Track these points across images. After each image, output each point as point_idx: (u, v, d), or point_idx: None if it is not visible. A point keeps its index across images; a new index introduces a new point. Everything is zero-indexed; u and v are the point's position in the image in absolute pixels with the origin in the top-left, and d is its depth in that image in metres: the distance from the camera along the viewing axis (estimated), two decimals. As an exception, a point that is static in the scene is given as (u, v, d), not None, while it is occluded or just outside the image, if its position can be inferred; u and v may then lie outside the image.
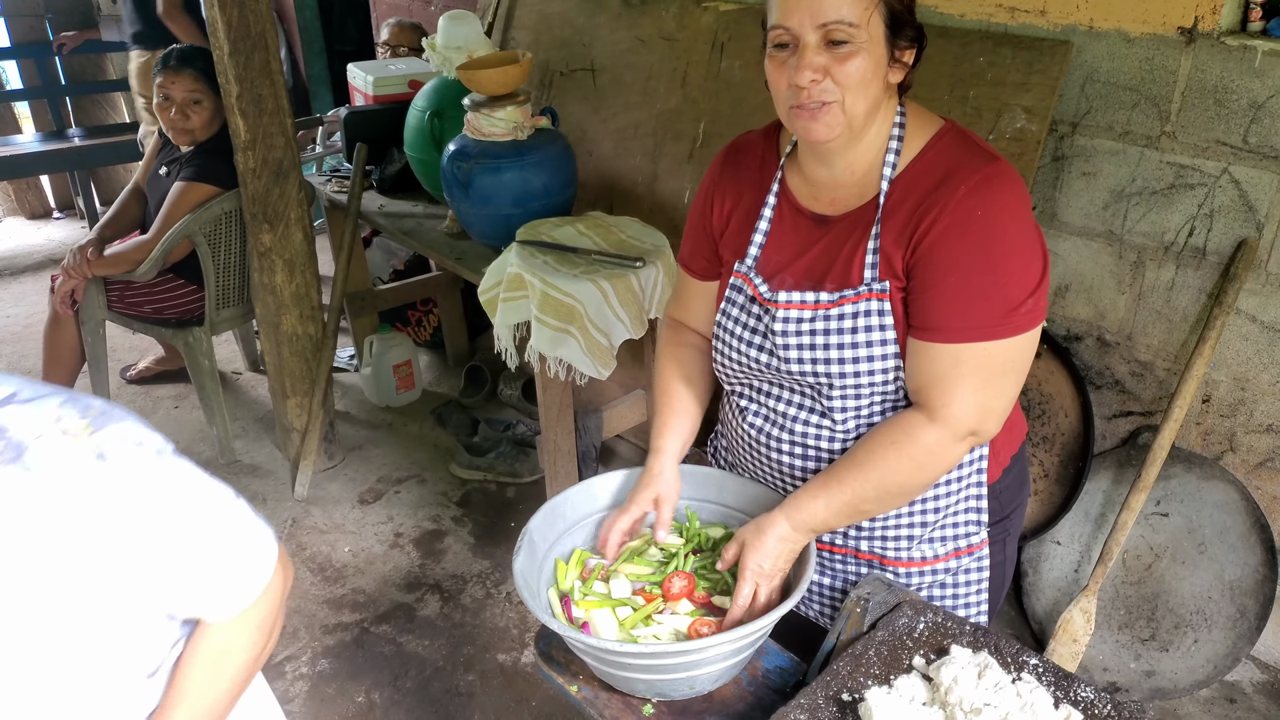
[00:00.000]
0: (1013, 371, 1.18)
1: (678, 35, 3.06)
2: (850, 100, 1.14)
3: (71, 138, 5.14)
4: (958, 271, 1.13)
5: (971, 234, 1.13)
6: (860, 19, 1.11)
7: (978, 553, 1.37)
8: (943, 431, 1.18)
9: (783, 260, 1.28)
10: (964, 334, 1.14)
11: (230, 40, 2.57)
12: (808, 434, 1.30)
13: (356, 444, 3.31)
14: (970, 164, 1.16)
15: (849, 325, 1.21)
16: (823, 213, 1.26)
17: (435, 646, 2.43)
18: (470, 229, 2.72)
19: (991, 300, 1.13)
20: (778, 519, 1.23)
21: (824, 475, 1.24)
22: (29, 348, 3.97)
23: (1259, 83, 1.96)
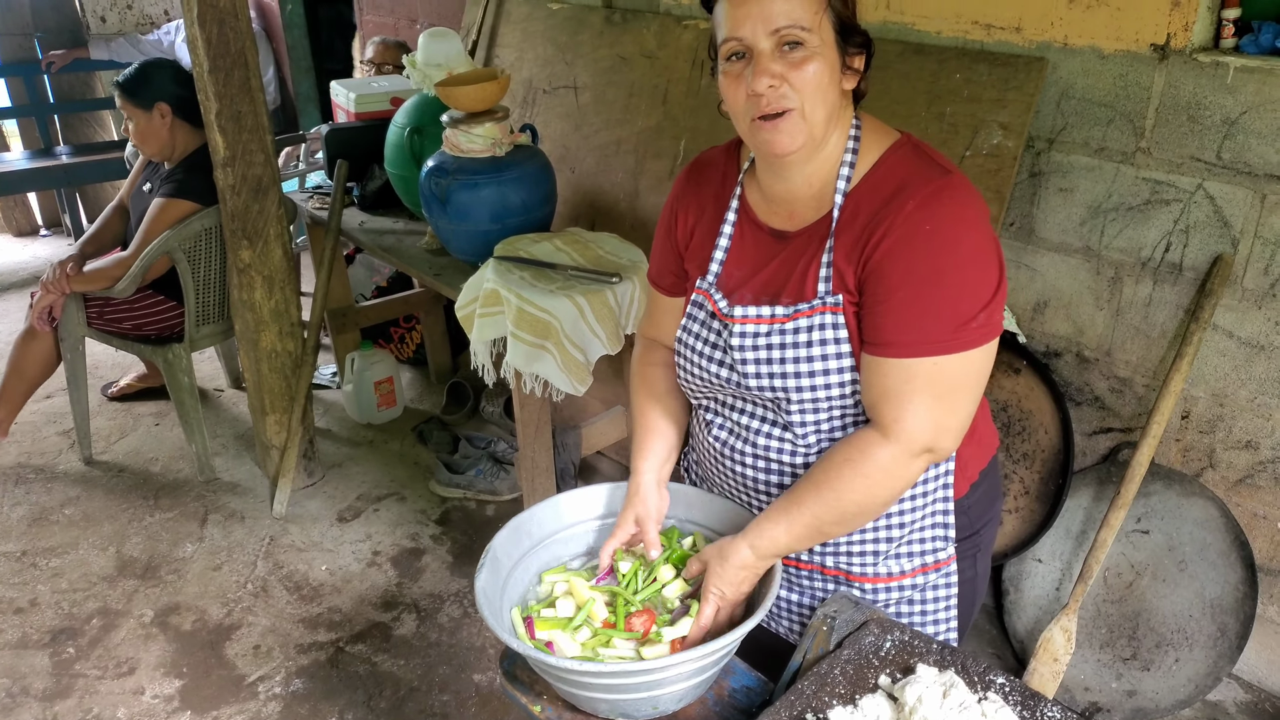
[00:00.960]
0: (966, 387, 1.17)
1: (658, 53, 3.07)
2: (809, 106, 1.14)
3: (59, 155, 5.13)
4: (907, 286, 1.12)
5: (920, 248, 1.12)
6: (812, 22, 1.11)
7: (945, 569, 1.36)
8: (896, 448, 1.16)
9: (743, 275, 1.28)
10: (914, 349, 1.13)
11: (210, 57, 2.57)
12: (770, 447, 1.29)
13: (337, 461, 3.28)
14: (921, 177, 1.15)
15: (804, 339, 1.20)
16: (781, 228, 1.26)
17: (411, 666, 2.40)
18: (449, 245, 2.71)
19: (941, 315, 1.12)
20: (740, 545, 1.22)
21: (784, 499, 1.22)
22: (9, 365, 3.94)
23: (1231, 99, 1.96)
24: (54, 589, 2.68)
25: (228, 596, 2.64)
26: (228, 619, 2.56)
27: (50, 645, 2.48)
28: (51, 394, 3.58)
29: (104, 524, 2.96)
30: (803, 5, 1.11)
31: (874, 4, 2.49)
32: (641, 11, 3.17)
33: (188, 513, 3.01)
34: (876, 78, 2.60)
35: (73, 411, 3.20)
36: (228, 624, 2.54)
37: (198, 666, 2.40)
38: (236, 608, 2.60)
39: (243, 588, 2.68)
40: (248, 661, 2.42)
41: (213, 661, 2.42)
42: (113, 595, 2.65)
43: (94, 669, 2.40)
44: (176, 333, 3.16)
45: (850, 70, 1.17)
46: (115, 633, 2.52)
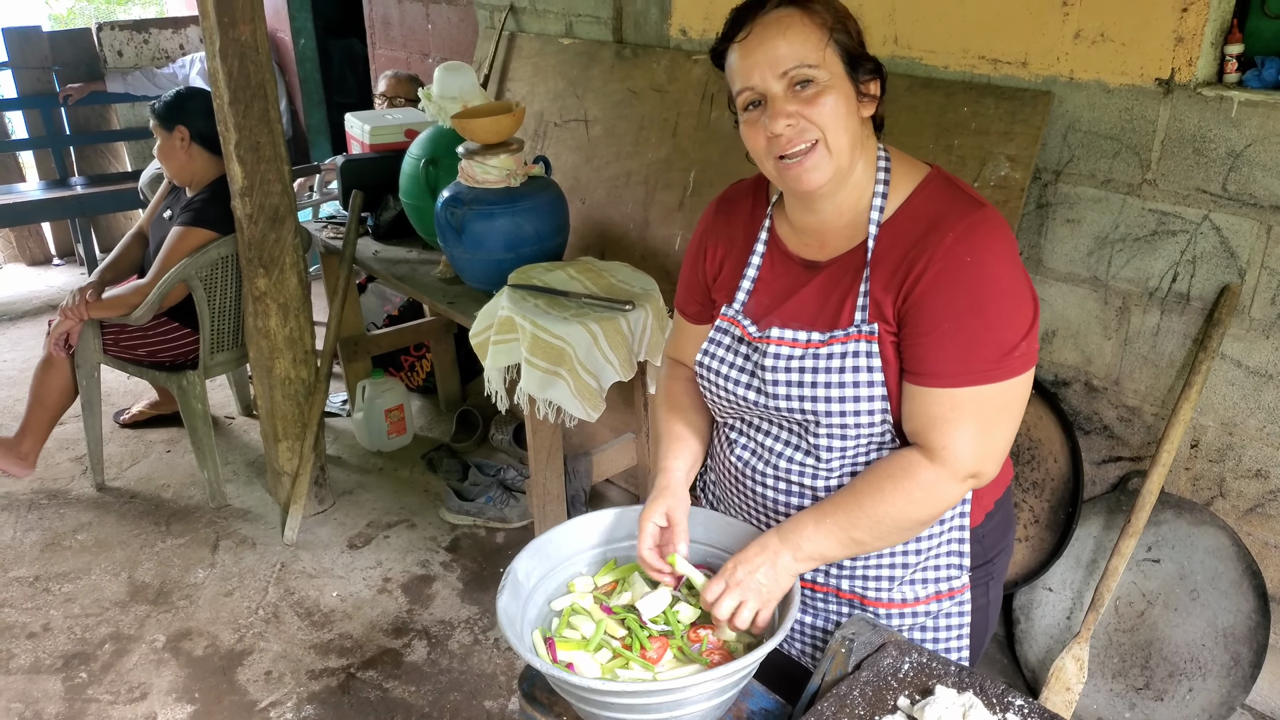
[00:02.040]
0: (1009, 413, 1.20)
1: (668, 87, 3.12)
2: (832, 137, 1.17)
3: (74, 186, 5.21)
4: (950, 318, 1.15)
5: (961, 280, 1.14)
6: (818, 58, 1.15)
7: (959, 596, 1.37)
8: (942, 472, 1.18)
9: (771, 304, 1.30)
10: (960, 379, 1.15)
11: (230, 89, 2.62)
12: (792, 470, 1.31)
13: (347, 488, 3.30)
14: (957, 210, 1.18)
15: (837, 365, 1.22)
16: (812, 258, 1.28)
17: (422, 693, 2.40)
18: (463, 274, 2.75)
19: (985, 345, 1.15)
20: (773, 544, 1.22)
21: (820, 505, 1.24)
22: (23, 392, 3.92)
23: (1236, 132, 2.00)
24: (66, 614, 2.68)
25: (239, 622, 2.65)
26: (239, 644, 2.56)
27: (63, 670, 2.48)
28: (65, 420, 3.59)
29: (116, 549, 2.97)
30: (806, 43, 1.15)
31: (881, 39, 2.54)
32: (652, 46, 3.23)
33: (199, 539, 3.02)
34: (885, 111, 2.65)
35: (86, 438, 3.22)
36: (239, 649, 2.55)
37: (210, 692, 2.40)
38: (248, 633, 2.60)
39: (254, 613, 2.68)
40: (259, 687, 2.42)
41: (225, 687, 2.42)
42: (125, 620, 2.66)
43: (106, 694, 2.40)
44: (191, 360, 3.19)
45: (867, 98, 1.20)
46: (127, 658, 2.52)
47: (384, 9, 4.62)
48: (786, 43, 1.14)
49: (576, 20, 3.48)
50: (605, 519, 1.43)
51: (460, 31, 4.15)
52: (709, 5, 3.02)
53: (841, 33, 1.17)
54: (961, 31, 2.37)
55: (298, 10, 5.42)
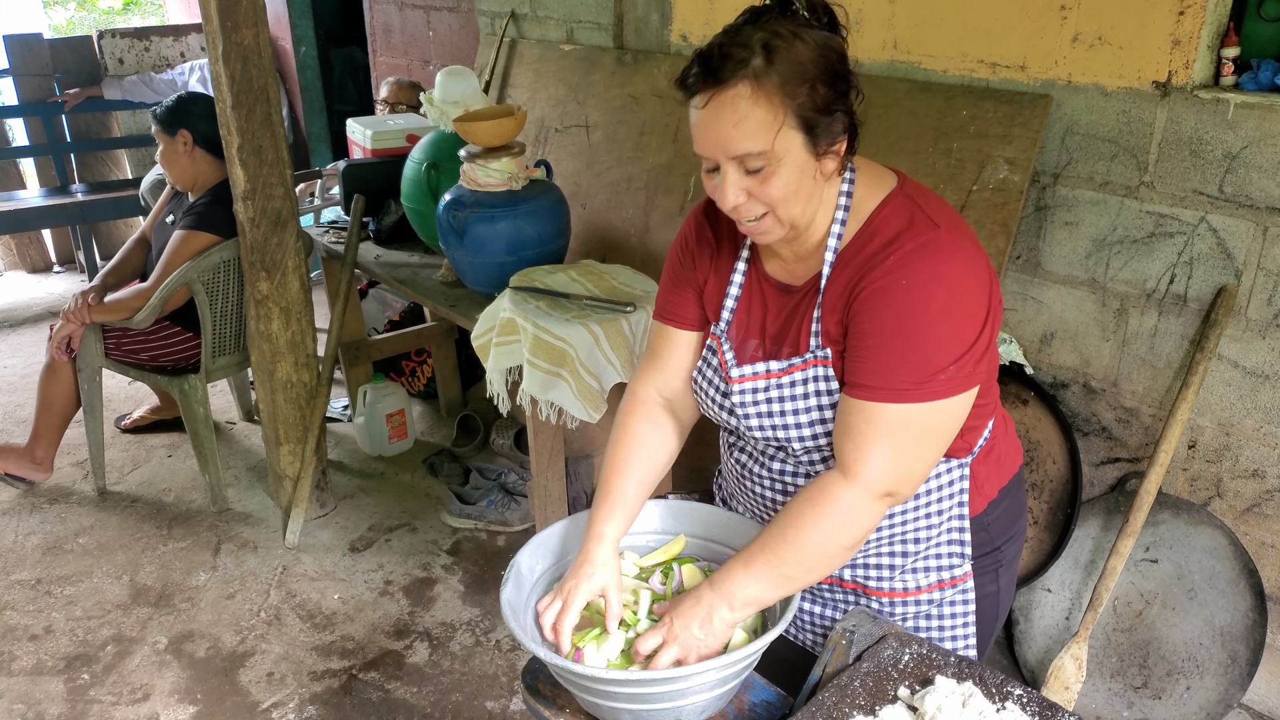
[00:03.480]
0: (931, 437, 1.19)
1: (669, 92, 3.14)
2: (781, 211, 1.17)
3: (74, 193, 5.22)
4: (876, 334, 1.16)
5: (893, 302, 1.15)
6: (766, 144, 1.11)
7: (962, 585, 1.38)
8: (856, 489, 1.18)
9: (752, 326, 1.32)
10: (879, 394, 1.16)
11: (233, 93, 2.64)
12: (785, 471, 1.35)
13: (348, 492, 3.30)
14: (910, 233, 1.17)
15: (800, 391, 1.25)
16: (786, 282, 1.30)
17: (423, 694, 2.40)
18: (465, 277, 2.76)
19: (908, 364, 1.15)
20: (707, 597, 1.20)
21: (748, 549, 1.22)
22: (24, 397, 3.98)
23: (1233, 134, 2.02)
24: (68, 616, 2.69)
25: (241, 624, 2.65)
26: (241, 646, 2.57)
27: (65, 672, 2.49)
28: (66, 425, 3.61)
29: (118, 553, 2.97)
30: (757, 133, 1.10)
31: (881, 44, 2.57)
32: (653, 52, 3.25)
33: (201, 542, 3.03)
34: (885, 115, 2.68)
35: (88, 442, 3.23)
36: (241, 651, 2.55)
37: (212, 693, 2.41)
38: (250, 635, 2.61)
39: (256, 616, 2.69)
40: (262, 688, 2.42)
41: (227, 688, 2.42)
42: (127, 623, 2.66)
43: (109, 695, 2.41)
44: (192, 364, 3.20)
45: (830, 154, 1.16)
46: (130, 659, 2.53)
47: (385, 16, 4.65)
48: (737, 132, 1.11)
49: (578, 26, 3.51)
50: (608, 514, 1.44)
51: (461, 38, 4.18)
52: (710, 11, 3.04)
53: (803, 98, 1.10)
54: (960, 36, 2.39)
55: (299, 18, 5.45)
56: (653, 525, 1.43)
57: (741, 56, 1.09)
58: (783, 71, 1.09)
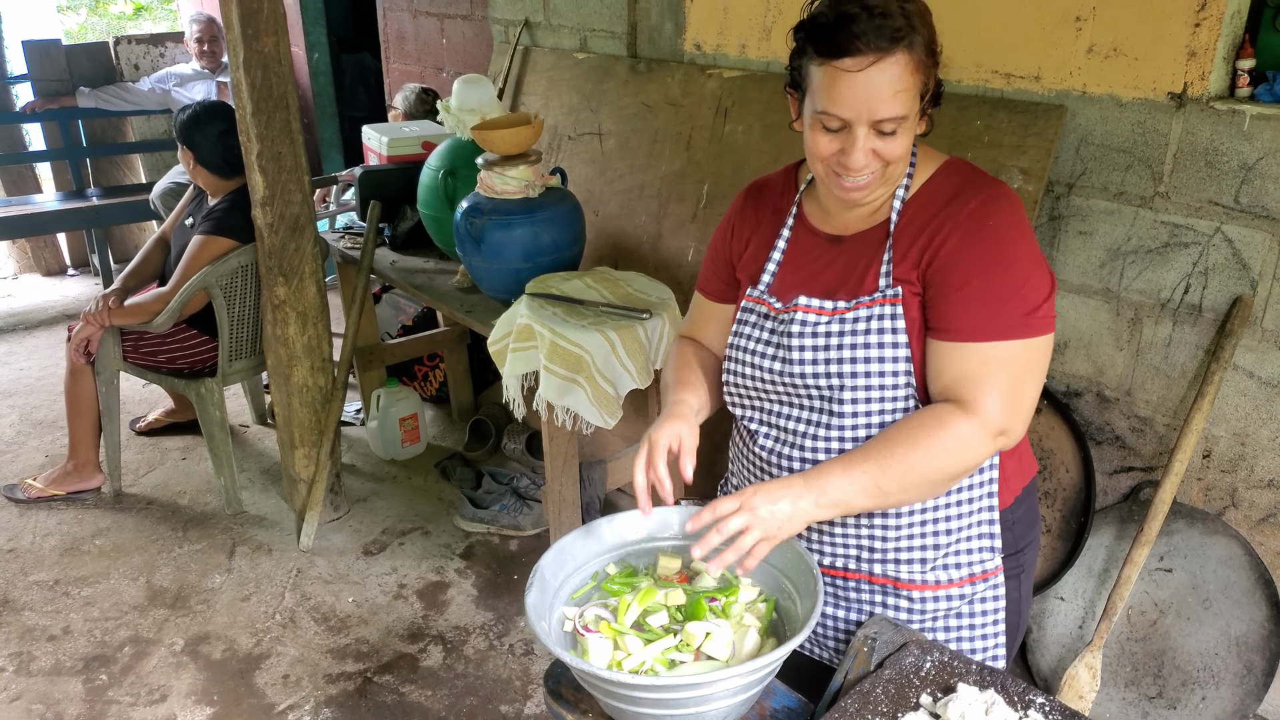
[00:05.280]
0: (1034, 372, 1.24)
1: (683, 101, 3.16)
2: (896, 168, 1.25)
3: (90, 197, 5.26)
4: (978, 275, 1.21)
5: (985, 241, 1.21)
6: (910, 110, 1.20)
7: (993, 579, 1.39)
8: (976, 425, 1.21)
9: (797, 280, 1.35)
10: (990, 333, 1.20)
11: (253, 100, 2.66)
12: (818, 449, 1.33)
13: (362, 496, 3.32)
14: (976, 184, 1.26)
15: (863, 328, 1.27)
16: (837, 233, 1.34)
17: (438, 697, 2.42)
18: (481, 283, 2.78)
19: (1012, 301, 1.20)
20: (798, 485, 1.21)
21: (848, 455, 1.24)
22: (40, 399, 4.01)
23: (1248, 145, 2.03)
24: (86, 617, 2.71)
25: (256, 627, 2.67)
26: (257, 648, 2.59)
27: (83, 672, 2.51)
28: (81, 427, 3.64)
29: (134, 554, 3.00)
30: (908, 101, 1.18)
31: (896, 54, 2.58)
32: (666, 61, 3.27)
33: (216, 544, 3.05)
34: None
35: (105, 444, 3.26)
36: (257, 653, 2.57)
37: (228, 695, 2.43)
38: (265, 638, 2.63)
39: (271, 618, 2.71)
40: (277, 690, 2.44)
41: (243, 690, 2.44)
42: (144, 624, 2.68)
43: (126, 696, 2.43)
44: (209, 367, 3.23)
45: (925, 118, 1.26)
46: (147, 661, 2.55)
47: (399, 24, 4.68)
48: (895, 100, 1.16)
49: (591, 35, 3.53)
50: (629, 520, 1.45)
51: (475, 46, 4.21)
52: (724, 20, 3.06)
53: (931, 66, 1.21)
54: (975, 46, 2.41)
55: (312, 25, 5.49)
56: (673, 530, 1.44)
57: (898, 25, 1.15)
58: (924, 41, 1.18)
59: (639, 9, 3.33)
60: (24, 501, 3.25)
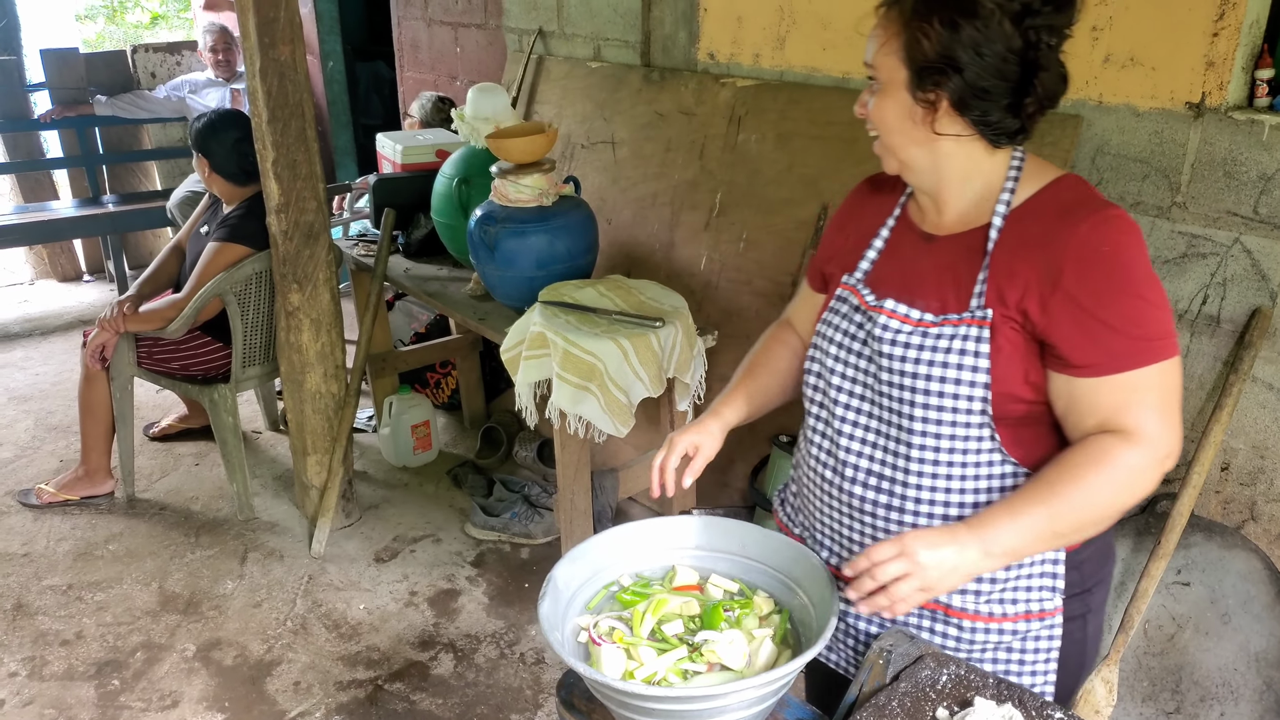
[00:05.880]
0: (1178, 392, 1.20)
1: (696, 110, 3.16)
2: (885, 138, 1.25)
3: (106, 204, 5.30)
4: (1110, 305, 1.15)
5: (1106, 268, 1.15)
6: (876, 60, 1.22)
7: (1050, 620, 1.33)
8: (1144, 452, 1.16)
9: (891, 276, 1.33)
10: (1133, 361, 1.15)
11: (269, 108, 2.68)
12: (885, 460, 1.30)
13: (373, 503, 3.32)
14: (1087, 205, 1.19)
15: (944, 346, 1.23)
16: (930, 231, 1.31)
17: (448, 705, 2.41)
18: (494, 291, 2.78)
19: (1150, 323, 1.16)
20: (962, 533, 1.16)
21: (1010, 500, 1.19)
22: (55, 404, 4.03)
23: (1267, 155, 2.01)
24: (99, 622, 2.71)
25: (268, 633, 2.67)
26: (268, 655, 2.59)
27: (96, 677, 2.51)
28: (95, 433, 3.65)
29: (147, 560, 3.00)
30: (884, 61, 1.21)
31: (911, 63, 2.57)
32: (679, 70, 3.28)
33: (228, 550, 3.05)
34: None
35: (119, 450, 3.27)
36: (268, 660, 2.57)
37: (239, 701, 2.43)
38: (276, 644, 2.63)
39: (282, 625, 2.71)
40: (288, 697, 2.44)
41: (254, 696, 2.44)
42: (156, 629, 2.69)
43: (138, 701, 2.43)
44: (222, 373, 3.24)
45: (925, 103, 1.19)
46: (159, 666, 2.55)
47: (413, 32, 4.70)
48: (877, 52, 1.22)
49: (605, 44, 3.54)
50: (642, 529, 1.45)
51: (489, 55, 4.22)
52: (737, 29, 3.06)
53: (915, 35, 1.17)
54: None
55: (327, 34, 5.52)
56: (691, 541, 1.44)
57: None
58: (922, 11, 1.16)
59: (653, 18, 3.34)
60: (38, 506, 3.26)
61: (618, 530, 1.44)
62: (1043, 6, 1.15)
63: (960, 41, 1.14)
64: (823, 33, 2.81)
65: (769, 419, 2.83)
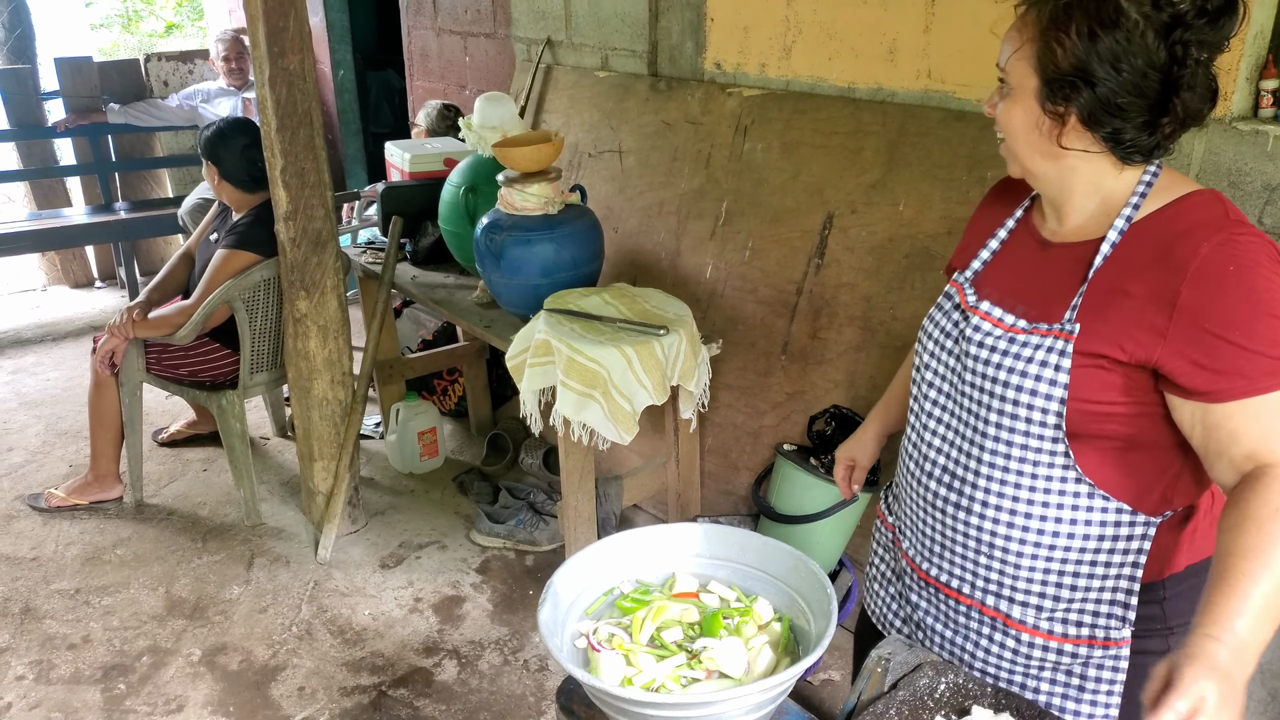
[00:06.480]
0: None
1: (702, 119, 3.18)
2: (1010, 142, 1.23)
3: (117, 211, 5.34)
4: (1236, 324, 1.08)
5: (1232, 287, 1.08)
6: (1006, 64, 1.20)
7: (1115, 650, 1.27)
8: None
9: (998, 278, 1.32)
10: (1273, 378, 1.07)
11: (278, 116, 2.70)
12: (959, 460, 1.32)
13: (379, 509, 3.34)
14: (1214, 223, 1.12)
15: (1027, 354, 1.21)
16: (1047, 238, 1.28)
17: (451, 712, 2.42)
18: (500, 298, 2.80)
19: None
20: (1214, 650, 0.96)
21: (1218, 581, 1.03)
22: (66, 409, 4.06)
23: (1272, 166, 2.01)
24: (106, 626, 2.73)
25: (273, 638, 2.68)
26: (273, 660, 2.60)
27: (102, 681, 2.53)
28: (105, 438, 3.68)
29: (154, 565, 3.02)
30: (1016, 65, 1.18)
31: (915, 73, 2.59)
32: (686, 79, 3.29)
33: (234, 556, 3.07)
34: (919, 143, 2.67)
35: (127, 455, 3.29)
36: (273, 665, 2.58)
37: (244, 706, 2.44)
38: (281, 649, 2.64)
39: (288, 630, 2.72)
40: (293, 702, 2.45)
41: (258, 701, 2.45)
42: (162, 634, 2.70)
43: (144, 705, 2.44)
44: (230, 379, 3.26)
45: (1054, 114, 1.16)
46: (164, 670, 2.56)
47: (423, 42, 4.73)
48: (1011, 56, 1.19)
49: (612, 54, 3.56)
50: (643, 535, 1.45)
51: (497, 64, 4.25)
52: (744, 39, 3.08)
53: (1049, 44, 1.13)
54: (992, 65, 2.40)
55: (338, 43, 5.56)
56: (692, 549, 1.44)
57: None
58: (1060, 21, 1.13)
59: (660, 28, 3.36)
60: (47, 511, 3.29)
61: (619, 537, 1.45)
62: (1195, 19, 1.08)
63: (1097, 54, 1.10)
64: (828, 42, 2.82)
65: (772, 428, 2.85)
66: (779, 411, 2.84)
